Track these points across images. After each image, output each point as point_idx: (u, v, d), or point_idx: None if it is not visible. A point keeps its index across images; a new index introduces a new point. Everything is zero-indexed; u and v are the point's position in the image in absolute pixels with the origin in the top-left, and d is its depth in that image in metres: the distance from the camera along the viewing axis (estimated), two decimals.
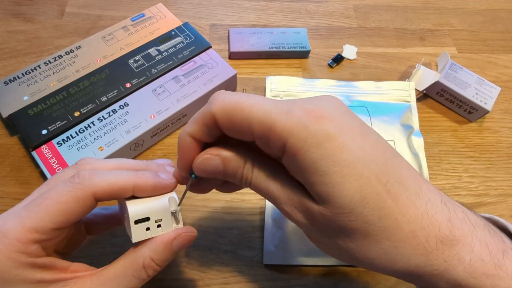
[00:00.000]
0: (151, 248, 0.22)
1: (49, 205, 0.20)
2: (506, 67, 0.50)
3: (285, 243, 0.34)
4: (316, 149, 0.18)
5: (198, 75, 0.41)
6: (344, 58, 0.49)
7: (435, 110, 0.45)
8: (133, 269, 0.22)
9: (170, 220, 0.23)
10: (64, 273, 0.21)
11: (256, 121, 0.19)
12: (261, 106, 0.19)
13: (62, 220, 0.21)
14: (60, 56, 0.42)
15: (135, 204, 0.22)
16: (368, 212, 0.19)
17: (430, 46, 0.51)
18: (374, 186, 0.19)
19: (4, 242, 0.20)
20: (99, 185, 0.21)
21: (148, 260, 0.22)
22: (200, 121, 0.21)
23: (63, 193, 0.21)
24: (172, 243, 0.23)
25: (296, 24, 0.52)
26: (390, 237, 0.19)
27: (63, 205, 0.21)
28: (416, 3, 0.56)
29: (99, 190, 0.21)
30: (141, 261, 0.22)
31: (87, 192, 0.21)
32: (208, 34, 0.50)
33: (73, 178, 0.21)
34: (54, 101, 0.39)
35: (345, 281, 0.34)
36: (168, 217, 0.23)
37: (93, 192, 0.21)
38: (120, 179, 0.22)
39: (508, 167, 0.41)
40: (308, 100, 0.20)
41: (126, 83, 0.40)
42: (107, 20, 0.50)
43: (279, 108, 0.19)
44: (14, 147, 0.39)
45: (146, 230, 0.22)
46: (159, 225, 0.23)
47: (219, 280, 0.33)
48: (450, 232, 0.19)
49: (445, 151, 0.42)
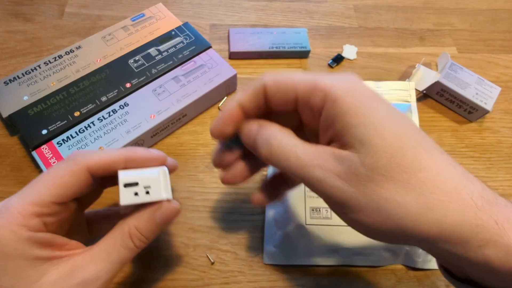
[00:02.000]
0: (136, 218, 0.23)
1: (47, 179, 0.22)
2: (506, 67, 0.50)
3: (285, 243, 0.34)
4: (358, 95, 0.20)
5: (198, 75, 0.41)
6: (344, 58, 0.49)
7: (435, 110, 0.45)
8: (121, 239, 0.22)
9: (159, 189, 0.23)
10: (60, 251, 0.22)
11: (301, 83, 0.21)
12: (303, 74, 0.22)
13: (61, 193, 0.22)
14: (60, 56, 0.42)
15: (126, 171, 0.23)
16: (407, 161, 0.19)
17: (430, 46, 0.51)
18: (411, 140, 0.19)
19: (6, 216, 0.20)
20: (92, 159, 0.23)
21: (133, 229, 0.23)
22: (251, 91, 0.23)
23: (60, 169, 0.22)
24: (155, 213, 0.23)
25: (296, 24, 0.52)
26: (434, 190, 0.18)
27: (60, 179, 0.22)
28: (416, 3, 0.56)
29: (92, 164, 0.22)
30: (127, 230, 0.23)
31: (81, 166, 0.22)
32: (208, 34, 0.50)
33: (68, 157, 0.23)
34: (54, 101, 0.39)
35: (345, 281, 0.34)
36: (157, 186, 0.23)
37: (87, 166, 0.22)
38: (111, 153, 0.23)
39: (508, 167, 0.41)
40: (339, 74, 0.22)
41: (126, 83, 0.40)
42: (107, 20, 0.50)
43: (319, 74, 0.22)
44: (14, 147, 0.39)
45: (134, 194, 0.22)
46: (147, 191, 0.23)
47: (219, 280, 0.33)
48: (494, 195, 0.19)
49: (445, 151, 0.42)
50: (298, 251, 0.34)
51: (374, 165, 0.19)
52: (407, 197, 0.18)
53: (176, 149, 0.40)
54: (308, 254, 0.34)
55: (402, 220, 0.19)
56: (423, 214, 0.18)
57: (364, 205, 0.19)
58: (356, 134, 0.19)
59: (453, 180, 0.19)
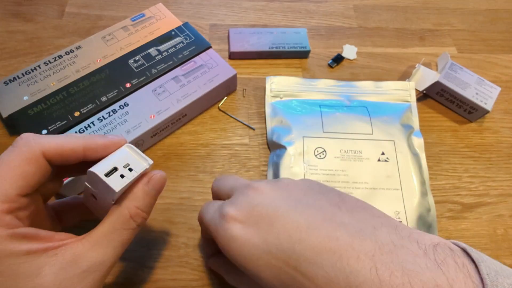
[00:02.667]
0: (132, 199, 0.23)
1: (4, 173, 0.20)
2: (506, 67, 0.50)
3: None
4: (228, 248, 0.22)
5: (198, 75, 0.41)
6: (344, 58, 0.49)
7: (435, 110, 0.45)
8: (121, 222, 0.22)
9: (138, 160, 0.23)
10: (51, 242, 0.21)
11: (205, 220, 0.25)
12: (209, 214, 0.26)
13: (23, 185, 0.20)
14: (60, 56, 0.42)
15: (96, 166, 0.22)
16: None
17: (430, 46, 0.51)
18: (288, 272, 0.20)
19: None
20: (47, 144, 0.21)
21: (134, 209, 0.23)
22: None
23: (12, 158, 0.21)
24: (147, 187, 0.23)
25: (296, 24, 0.52)
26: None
27: (17, 170, 0.20)
28: (416, 3, 0.56)
29: (47, 149, 0.21)
30: (127, 212, 0.22)
31: (36, 152, 0.21)
32: (208, 34, 0.50)
33: (17, 142, 0.21)
34: (54, 101, 0.39)
35: None
36: (134, 159, 0.23)
37: (41, 151, 0.21)
38: (68, 140, 0.22)
39: (508, 167, 0.41)
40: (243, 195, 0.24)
41: (126, 83, 0.40)
42: (107, 20, 0.50)
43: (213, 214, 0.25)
44: None
45: (121, 177, 0.22)
46: (130, 169, 0.23)
47: (219, 280, 0.33)
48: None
49: (445, 151, 0.42)
50: None
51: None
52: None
53: (176, 149, 0.40)
54: None
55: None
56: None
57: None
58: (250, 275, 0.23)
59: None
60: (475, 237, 0.37)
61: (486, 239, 0.37)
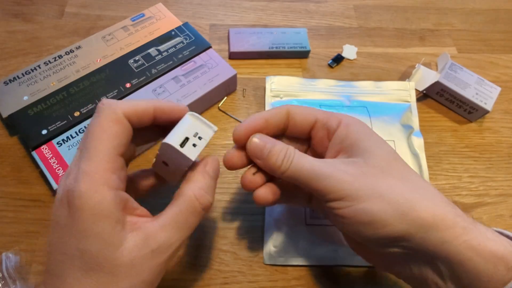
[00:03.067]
0: (194, 181, 0.24)
1: (98, 134, 0.21)
2: (506, 67, 0.50)
3: (285, 243, 0.34)
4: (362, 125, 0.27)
5: (198, 75, 0.41)
6: (344, 58, 0.49)
7: (435, 110, 0.45)
8: (187, 204, 0.23)
9: (205, 129, 0.25)
10: (132, 216, 0.22)
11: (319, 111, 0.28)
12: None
13: (118, 143, 0.21)
14: (60, 56, 0.42)
15: (168, 137, 0.23)
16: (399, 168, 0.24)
17: (430, 46, 0.51)
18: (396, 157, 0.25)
19: (86, 179, 0.20)
20: (124, 106, 0.22)
21: (198, 190, 0.23)
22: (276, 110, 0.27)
23: (102, 120, 0.22)
24: (207, 170, 0.25)
25: (296, 24, 0.52)
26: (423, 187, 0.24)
27: (110, 130, 0.21)
28: (416, 3, 0.56)
29: (126, 110, 0.22)
30: (192, 194, 0.23)
31: (119, 113, 0.22)
32: (208, 34, 0.50)
33: (99, 108, 0.22)
34: (54, 101, 0.39)
35: (345, 281, 0.34)
36: (201, 127, 0.24)
37: (123, 112, 0.22)
38: (140, 102, 0.23)
39: (508, 167, 0.41)
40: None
41: (126, 83, 0.40)
42: (107, 20, 0.50)
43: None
44: (14, 147, 0.39)
45: (193, 146, 0.24)
46: (199, 137, 0.24)
47: (219, 280, 0.33)
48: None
49: (445, 151, 0.42)
50: (298, 251, 0.34)
51: (377, 164, 0.24)
52: (404, 188, 0.23)
53: None
54: (308, 254, 0.34)
55: (401, 206, 0.22)
56: (419, 201, 0.22)
57: (370, 194, 0.23)
58: (363, 146, 0.25)
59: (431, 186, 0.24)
60: None
61: None
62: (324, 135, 0.27)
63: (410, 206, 0.22)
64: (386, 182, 0.23)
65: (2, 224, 0.35)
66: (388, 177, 0.23)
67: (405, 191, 0.23)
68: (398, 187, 0.23)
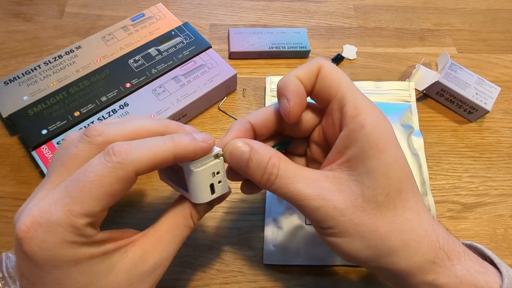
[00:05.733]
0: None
1: (93, 189, 0.19)
2: (506, 67, 0.50)
3: (285, 243, 0.34)
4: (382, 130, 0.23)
5: (198, 75, 0.41)
6: (344, 58, 0.49)
7: (435, 110, 0.45)
8: (183, 219, 0.24)
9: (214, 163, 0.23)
10: (122, 240, 0.22)
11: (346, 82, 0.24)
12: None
13: (109, 201, 0.20)
14: (60, 56, 0.42)
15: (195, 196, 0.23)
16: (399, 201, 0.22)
17: (430, 46, 0.51)
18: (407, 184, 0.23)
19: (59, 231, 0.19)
20: (139, 162, 0.20)
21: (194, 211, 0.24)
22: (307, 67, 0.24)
23: (105, 174, 0.19)
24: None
25: (296, 24, 0.52)
26: (411, 230, 0.22)
27: (107, 187, 0.19)
28: (416, 3, 0.56)
29: (140, 167, 0.20)
30: (188, 211, 0.24)
31: (129, 171, 0.20)
32: (208, 34, 0.50)
33: (110, 157, 0.20)
34: (54, 101, 0.39)
35: (345, 281, 0.34)
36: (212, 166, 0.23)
37: (134, 170, 0.20)
38: (158, 151, 0.21)
39: (508, 167, 0.41)
40: None
41: (126, 83, 0.40)
42: (107, 20, 0.50)
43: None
44: (14, 147, 0.39)
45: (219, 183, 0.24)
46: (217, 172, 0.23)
47: (219, 280, 0.33)
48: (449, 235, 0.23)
49: (445, 151, 0.42)
50: (298, 251, 0.34)
51: (373, 199, 0.22)
52: (390, 233, 0.22)
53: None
54: (308, 254, 0.34)
55: (380, 251, 0.22)
56: (400, 250, 0.22)
57: (352, 233, 0.22)
58: (369, 166, 0.22)
59: (427, 222, 0.23)
60: (475, 237, 0.37)
61: (486, 239, 0.37)
62: (336, 118, 0.24)
63: (389, 253, 0.22)
64: (374, 222, 0.22)
65: (2, 224, 0.35)
66: (378, 217, 0.22)
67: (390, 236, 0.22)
68: (384, 230, 0.22)
